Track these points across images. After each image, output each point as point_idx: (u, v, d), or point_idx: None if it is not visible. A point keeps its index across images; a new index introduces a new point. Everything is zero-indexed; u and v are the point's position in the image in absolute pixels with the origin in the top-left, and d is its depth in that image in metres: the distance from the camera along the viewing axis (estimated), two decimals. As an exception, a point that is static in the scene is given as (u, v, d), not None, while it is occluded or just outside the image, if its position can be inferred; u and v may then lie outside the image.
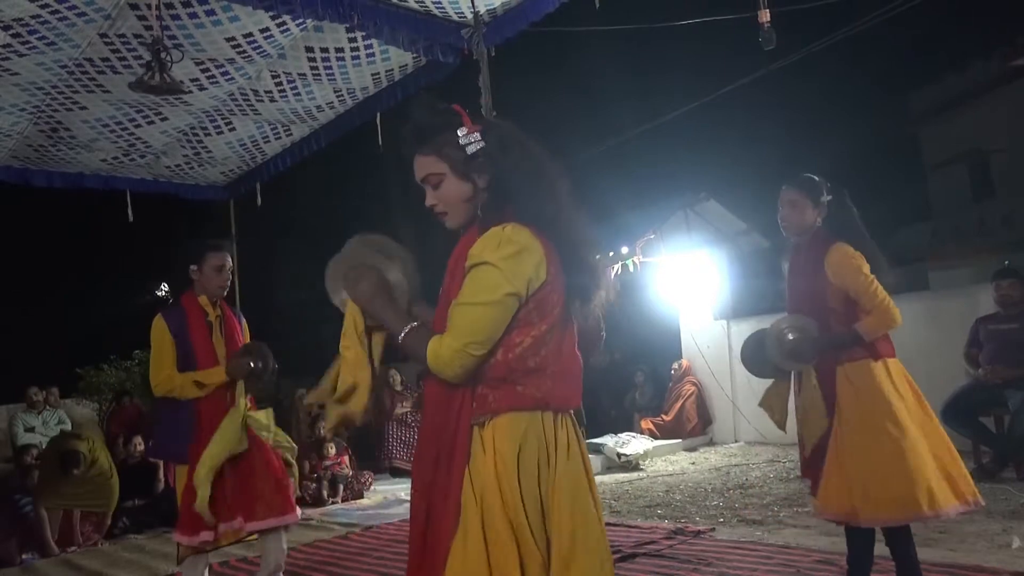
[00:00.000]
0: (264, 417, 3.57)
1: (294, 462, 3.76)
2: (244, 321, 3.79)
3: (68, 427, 8.03)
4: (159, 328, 3.48)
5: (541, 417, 1.66)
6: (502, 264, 1.61)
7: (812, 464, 2.93)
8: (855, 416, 2.80)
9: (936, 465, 2.74)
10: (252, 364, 3.48)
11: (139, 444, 6.94)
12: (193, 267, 3.56)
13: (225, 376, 3.44)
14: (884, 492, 2.69)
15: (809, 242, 2.97)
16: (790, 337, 2.91)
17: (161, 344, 3.47)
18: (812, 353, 2.88)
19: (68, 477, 5.76)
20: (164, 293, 21.42)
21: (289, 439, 3.79)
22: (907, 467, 2.68)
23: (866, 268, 2.84)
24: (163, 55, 3.98)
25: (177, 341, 3.45)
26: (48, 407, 7.98)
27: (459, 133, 1.74)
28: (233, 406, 3.44)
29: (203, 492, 3.24)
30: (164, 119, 6.05)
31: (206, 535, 3.31)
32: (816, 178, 2.98)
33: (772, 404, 3.12)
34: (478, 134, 1.75)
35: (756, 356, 3.08)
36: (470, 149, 1.74)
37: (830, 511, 2.85)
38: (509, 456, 1.61)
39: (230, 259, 3.63)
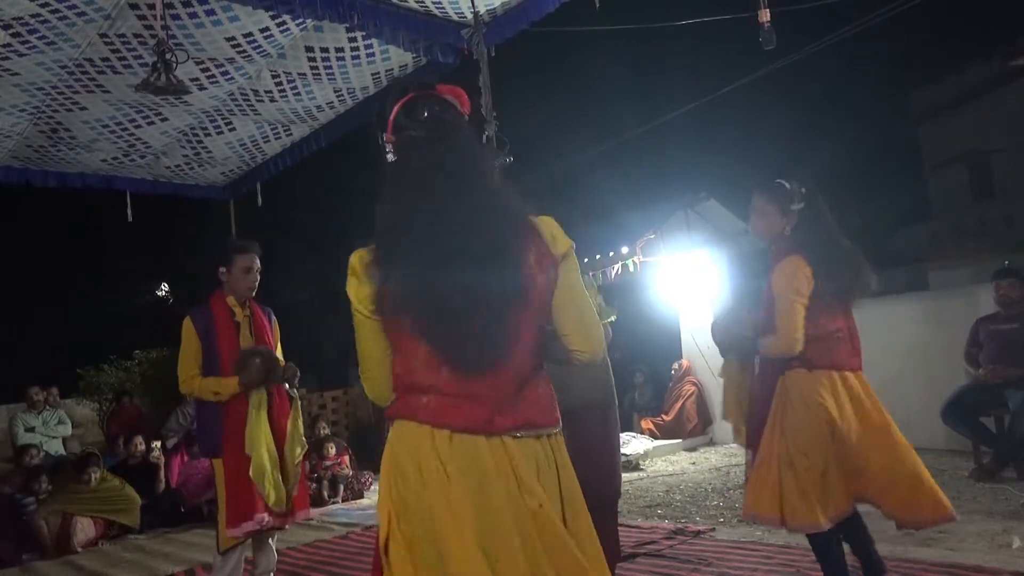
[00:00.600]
0: (294, 428, 3.70)
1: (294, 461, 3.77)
2: (274, 319, 3.87)
3: (68, 427, 8.03)
4: (187, 329, 3.59)
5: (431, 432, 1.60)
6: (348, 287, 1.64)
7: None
8: (779, 426, 2.85)
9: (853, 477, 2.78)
10: (259, 369, 3.52)
11: (139, 444, 6.94)
12: (222, 269, 3.65)
13: (238, 388, 3.50)
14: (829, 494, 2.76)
15: (776, 250, 2.95)
16: (712, 323, 3.14)
17: (188, 345, 3.58)
18: (725, 344, 3.10)
19: (85, 480, 5.85)
20: (164, 293, 21.46)
21: (304, 441, 3.85)
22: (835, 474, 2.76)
23: (801, 288, 2.77)
24: (168, 56, 3.98)
25: (204, 342, 3.56)
26: (48, 407, 7.98)
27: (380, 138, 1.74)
28: (255, 414, 3.53)
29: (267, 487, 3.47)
30: (164, 119, 6.05)
31: (248, 526, 3.45)
32: (787, 185, 2.90)
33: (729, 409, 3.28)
34: (390, 146, 1.72)
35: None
36: (388, 158, 1.73)
37: (757, 514, 2.93)
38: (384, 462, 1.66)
39: (258, 260, 3.71)
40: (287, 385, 3.71)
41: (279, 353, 3.79)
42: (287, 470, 3.59)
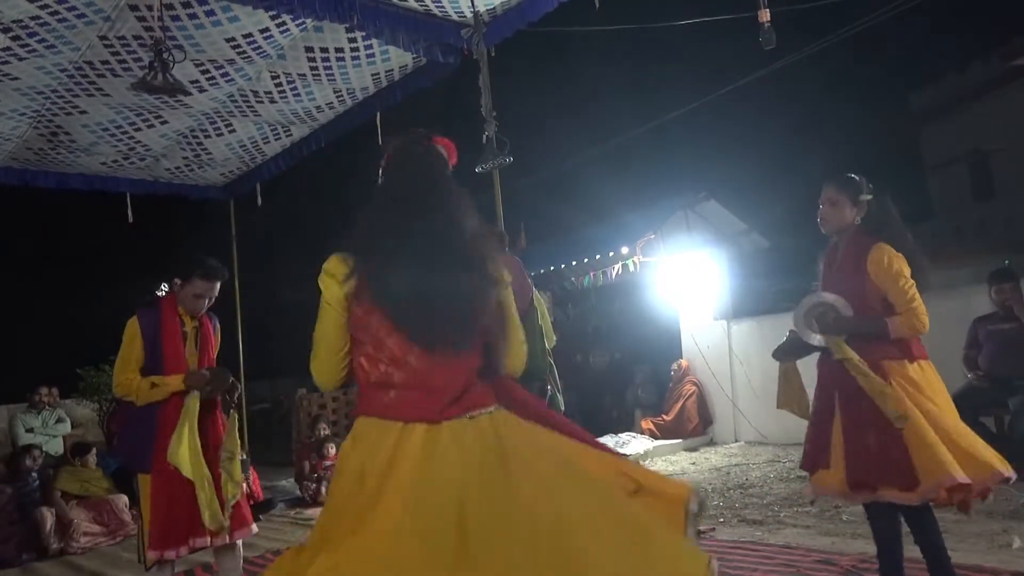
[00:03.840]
0: (232, 443, 3.44)
1: (236, 476, 3.46)
2: (218, 327, 3.70)
3: (67, 425, 8.02)
4: (131, 328, 3.42)
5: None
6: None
7: (813, 452, 2.98)
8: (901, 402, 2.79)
9: (962, 444, 2.77)
10: (209, 381, 3.39)
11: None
12: (176, 281, 3.53)
13: (183, 385, 3.34)
14: (907, 463, 2.71)
15: (849, 240, 2.99)
16: (823, 307, 2.95)
17: (131, 344, 3.40)
18: (836, 327, 2.89)
19: (84, 463, 6.14)
20: (164, 293, 21.43)
21: (238, 468, 3.52)
22: (928, 443, 2.70)
23: (906, 271, 2.84)
24: (165, 55, 3.97)
25: (147, 344, 3.38)
26: (48, 407, 7.98)
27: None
28: (183, 421, 3.28)
29: (189, 470, 3.19)
30: (164, 122, 6.05)
31: (170, 554, 3.25)
32: (856, 177, 3.01)
33: (790, 400, 3.17)
34: (383, 171, 2.04)
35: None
36: (379, 181, 2.03)
37: (831, 488, 2.89)
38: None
39: (217, 288, 3.54)
40: (227, 397, 3.50)
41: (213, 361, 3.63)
42: (224, 487, 3.33)
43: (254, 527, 3.55)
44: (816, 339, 2.96)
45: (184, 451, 3.22)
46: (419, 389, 1.81)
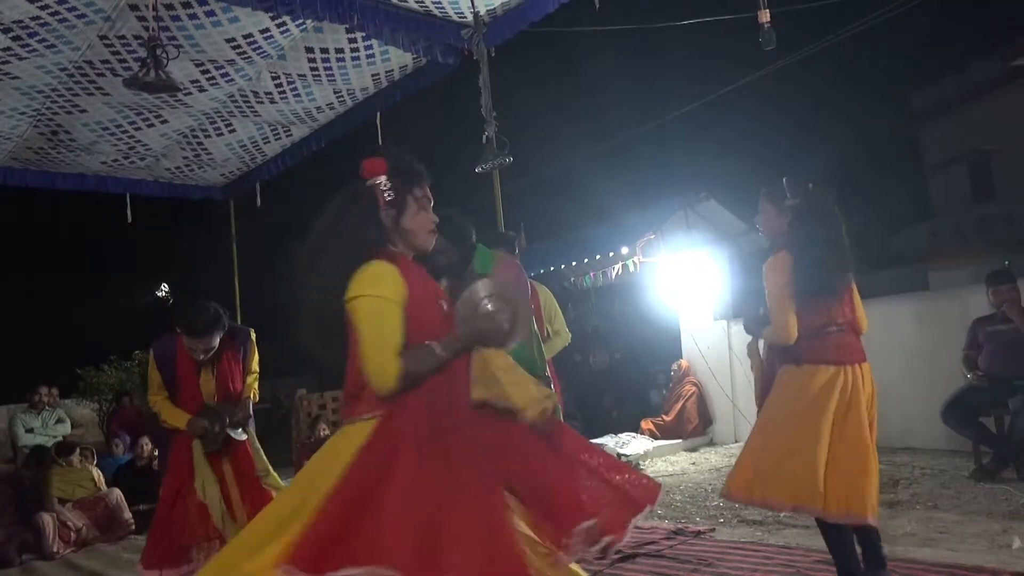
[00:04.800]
0: (260, 462, 3.77)
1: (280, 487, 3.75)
2: (250, 342, 3.84)
3: (67, 425, 8.03)
4: (150, 360, 3.73)
5: None
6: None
7: None
8: (771, 411, 3.11)
9: (833, 470, 2.85)
10: (208, 426, 3.58)
11: (146, 445, 6.91)
12: (179, 331, 3.64)
13: (184, 427, 3.57)
14: (780, 478, 2.92)
15: (772, 247, 3.15)
16: (760, 312, 3.19)
17: (151, 372, 3.70)
18: (748, 327, 3.27)
19: (68, 464, 6.13)
20: (164, 293, 21.45)
21: (277, 478, 3.83)
22: (803, 461, 2.87)
23: (779, 281, 2.97)
24: (159, 52, 3.96)
25: (163, 372, 3.63)
26: (48, 407, 7.98)
27: None
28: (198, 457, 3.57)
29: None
30: (164, 122, 6.05)
31: (170, 572, 3.41)
32: (784, 183, 3.10)
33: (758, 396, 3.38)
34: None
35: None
36: None
37: (733, 493, 3.10)
38: None
39: (211, 343, 3.59)
40: (238, 429, 3.71)
41: (254, 366, 3.84)
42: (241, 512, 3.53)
43: None
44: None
45: (211, 497, 3.50)
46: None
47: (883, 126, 21.38)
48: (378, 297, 1.92)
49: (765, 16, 4.06)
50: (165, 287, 21.32)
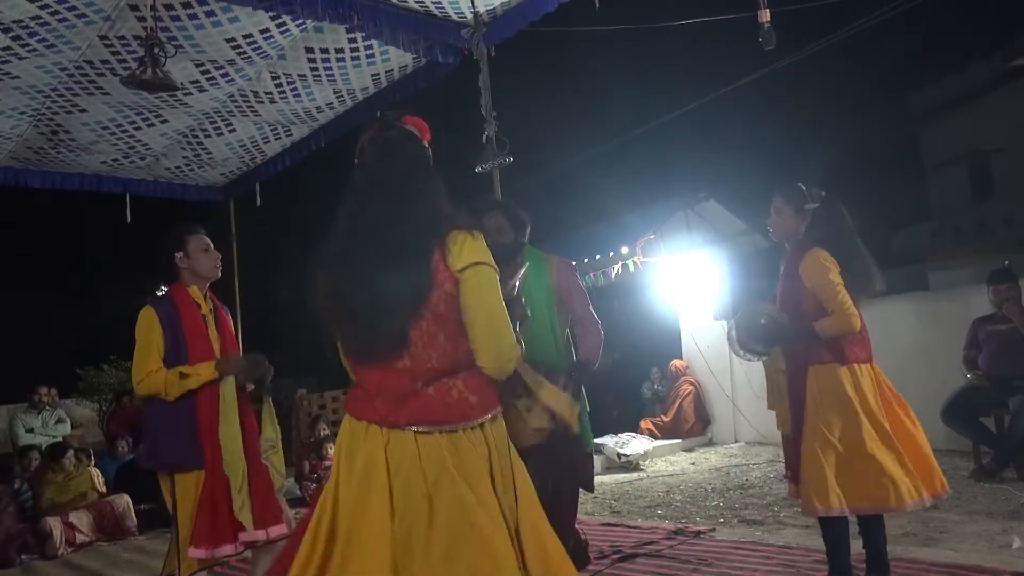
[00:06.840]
0: (273, 432, 3.32)
1: (280, 468, 3.38)
2: (229, 313, 3.51)
3: (67, 425, 8.02)
4: (147, 319, 3.14)
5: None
6: None
7: (790, 462, 3.15)
8: (816, 417, 2.98)
9: (899, 461, 2.89)
10: (244, 367, 3.20)
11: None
12: (179, 254, 3.27)
13: (214, 372, 3.08)
14: (853, 484, 2.87)
15: (793, 247, 3.14)
16: (761, 322, 3.10)
17: (149, 337, 3.11)
18: (774, 339, 3.07)
19: (59, 467, 6.03)
20: (164, 293, 21.43)
21: (281, 458, 3.41)
22: (869, 464, 2.86)
23: (834, 273, 2.97)
24: (156, 51, 3.96)
25: (167, 334, 3.12)
26: (48, 407, 7.98)
27: None
28: (226, 412, 3.09)
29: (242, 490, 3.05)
30: (164, 121, 6.05)
31: (227, 548, 3.04)
32: (803, 187, 3.12)
33: (774, 403, 3.23)
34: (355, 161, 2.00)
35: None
36: None
37: (821, 507, 2.95)
38: None
39: (209, 240, 3.35)
40: (261, 383, 3.30)
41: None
42: (262, 480, 3.16)
43: (291, 524, 3.26)
44: (758, 350, 3.14)
45: (230, 441, 3.05)
46: (360, 388, 1.81)
47: (883, 126, 21.41)
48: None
49: (765, 16, 4.06)
50: (164, 287, 21.29)
